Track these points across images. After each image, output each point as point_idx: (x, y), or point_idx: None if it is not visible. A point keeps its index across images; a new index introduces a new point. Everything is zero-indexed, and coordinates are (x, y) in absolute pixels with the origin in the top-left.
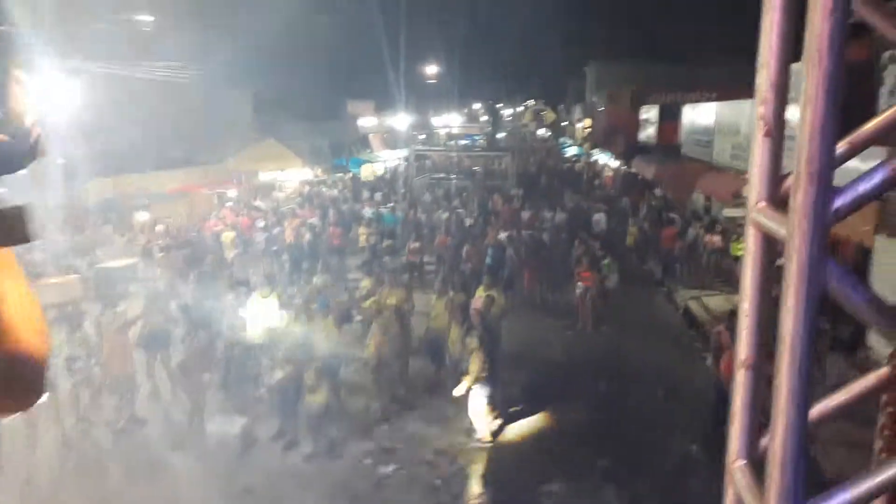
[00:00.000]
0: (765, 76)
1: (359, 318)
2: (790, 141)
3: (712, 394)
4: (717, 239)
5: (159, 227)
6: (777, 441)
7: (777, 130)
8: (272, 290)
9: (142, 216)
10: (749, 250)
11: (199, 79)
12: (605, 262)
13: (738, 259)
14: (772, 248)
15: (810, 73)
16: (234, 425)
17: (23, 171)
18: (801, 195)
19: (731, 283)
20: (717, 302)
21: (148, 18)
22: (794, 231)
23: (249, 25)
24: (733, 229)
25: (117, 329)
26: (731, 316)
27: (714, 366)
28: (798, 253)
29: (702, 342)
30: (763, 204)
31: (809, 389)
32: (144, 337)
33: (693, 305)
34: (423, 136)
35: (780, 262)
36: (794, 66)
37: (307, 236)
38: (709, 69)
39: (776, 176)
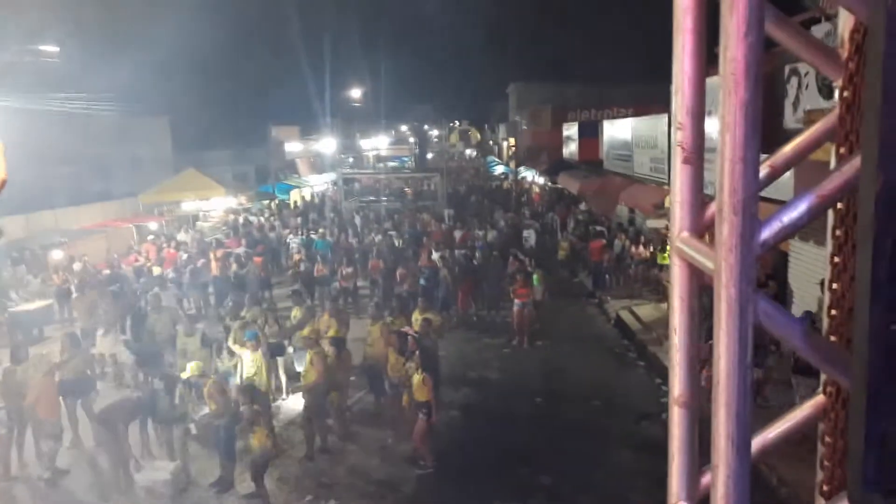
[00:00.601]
0: (680, 102)
1: (291, 349)
2: (710, 153)
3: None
4: (642, 249)
5: (76, 265)
6: (719, 486)
7: (696, 156)
8: (195, 327)
9: (57, 255)
10: (675, 281)
11: (112, 109)
12: (535, 276)
13: (664, 268)
14: (698, 277)
15: (727, 101)
16: (164, 470)
17: None
18: (726, 228)
19: (659, 291)
20: (647, 311)
21: (53, 49)
22: (722, 265)
23: (164, 51)
24: (658, 239)
25: (44, 373)
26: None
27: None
28: (726, 289)
29: (636, 351)
30: (686, 234)
31: (748, 429)
32: (67, 382)
33: (624, 315)
34: (352, 160)
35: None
36: (711, 81)
37: (233, 267)
38: (623, 87)
39: (698, 204)
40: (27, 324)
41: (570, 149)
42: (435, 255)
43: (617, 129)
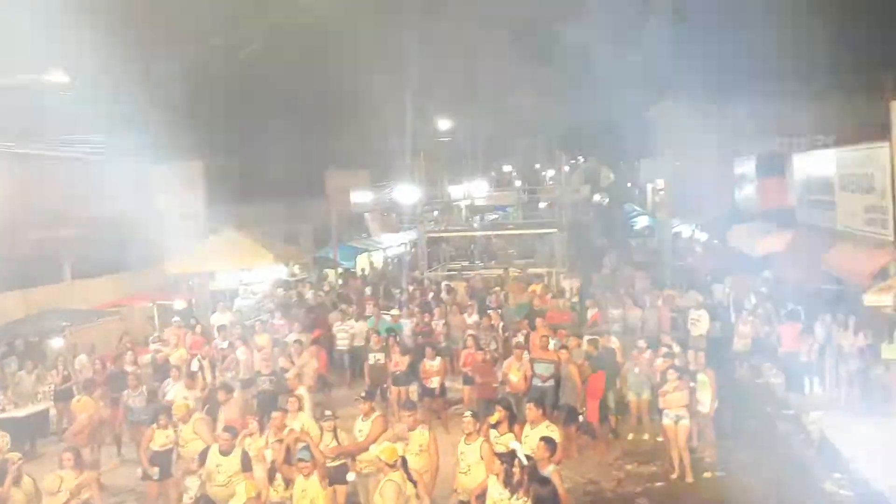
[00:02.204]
0: None
1: (354, 474)
2: None
3: None
4: (858, 337)
5: (81, 358)
6: None
7: None
8: (233, 443)
9: (56, 343)
10: None
11: (131, 154)
12: (701, 376)
13: (891, 365)
14: None
15: None
16: None
17: None
18: None
19: (888, 401)
20: (868, 430)
21: (61, 78)
22: None
23: (196, 79)
24: (882, 322)
25: None
26: None
27: None
28: None
29: (850, 489)
30: None
31: None
32: None
33: (832, 434)
34: (437, 212)
35: None
36: None
37: (282, 361)
38: (821, 104)
39: None
40: (16, 436)
41: (746, 192)
42: (553, 344)
43: (814, 165)
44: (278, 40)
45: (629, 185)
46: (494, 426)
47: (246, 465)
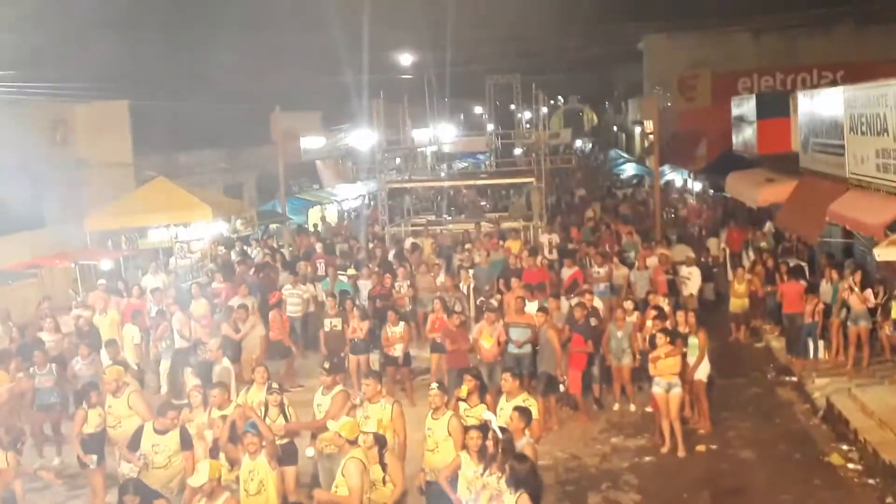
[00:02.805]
0: None
1: (309, 452)
2: None
3: None
4: (867, 295)
5: None
6: None
7: None
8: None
9: None
10: None
11: (46, 92)
12: (693, 339)
13: None
14: None
15: None
16: None
17: None
18: None
19: None
20: (878, 396)
21: None
22: None
23: (123, 5)
24: (891, 281)
25: None
26: None
27: None
28: None
29: (860, 462)
30: None
31: None
32: None
33: (841, 403)
34: (399, 160)
35: None
36: None
37: (229, 328)
38: (828, 37)
39: None
40: None
41: (745, 136)
42: (530, 307)
43: (820, 105)
44: None
45: (615, 128)
46: (464, 399)
47: (186, 443)
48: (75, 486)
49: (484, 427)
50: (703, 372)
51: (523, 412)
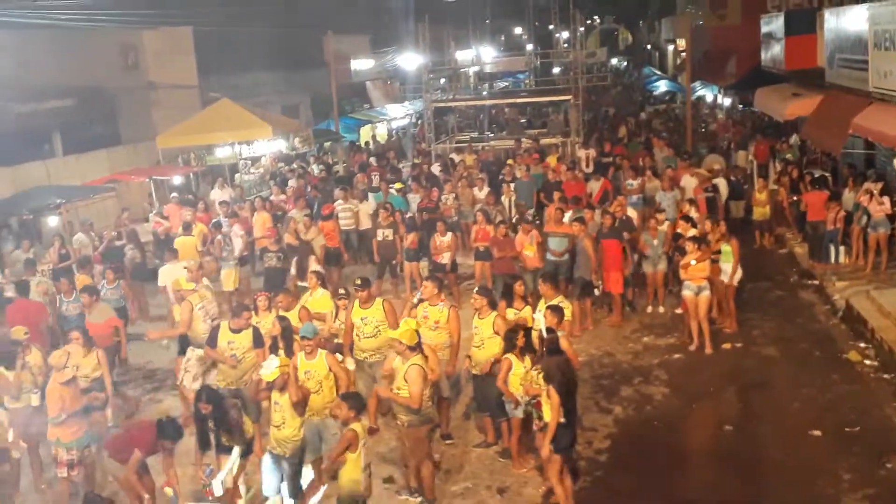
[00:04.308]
0: None
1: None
2: None
3: None
4: (886, 204)
5: (79, 237)
6: None
7: None
8: (245, 319)
9: (52, 221)
10: None
11: (115, 19)
12: (725, 247)
13: None
14: None
15: None
16: None
17: None
18: None
19: None
20: (895, 298)
21: None
22: None
23: None
24: None
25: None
26: None
27: None
28: None
29: (877, 359)
30: None
31: None
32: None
33: (859, 304)
34: (443, 80)
35: None
36: None
37: (291, 237)
38: None
39: None
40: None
41: (773, 52)
42: (567, 217)
43: (846, 21)
44: None
45: (648, 47)
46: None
47: (258, 342)
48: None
49: (526, 327)
50: (735, 277)
51: (556, 310)
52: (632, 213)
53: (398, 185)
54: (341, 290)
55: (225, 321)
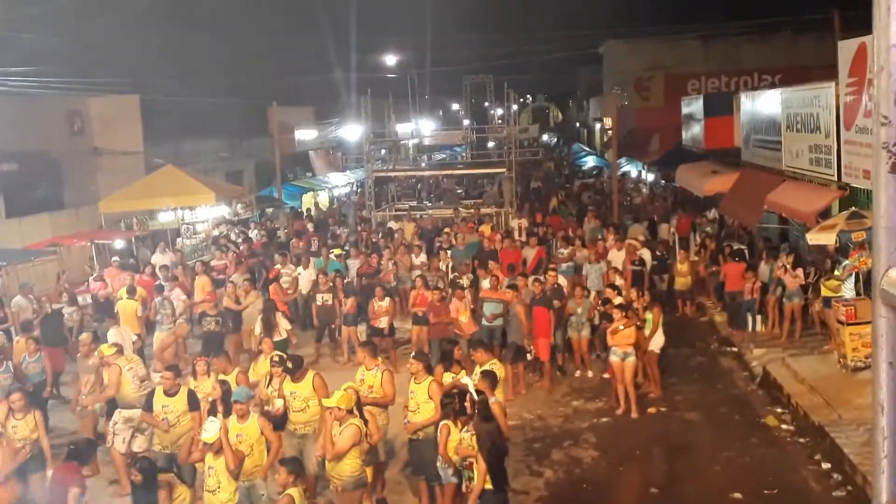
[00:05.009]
0: (884, 86)
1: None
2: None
3: None
4: (800, 276)
5: (17, 299)
6: None
7: None
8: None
9: None
10: (879, 338)
11: (62, 86)
12: (649, 314)
13: (830, 302)
14: None
15: None
16: None
17: None
18: None
19: (825, 336)
20: (809, 365)
21: None
22: None
23: (133, 8)
24: (821, 262)
25: None
26: None
27: None
28: None
29: (793, 423)
30: (895, 274)
31: None
32: None
33: (776, 371)
34: (384, 151)
35: None
36: None
37: (230, 301)
38: (768, 43)
39: None
40: None
41: (693, 132)
42: (502, 286)
43: (760, 104)
44: None
45: (577, 124)
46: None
47: (194, 405)
48: None
49: (461, 392)
50: (657, 343)
51: (487, 374)
52: (562, 280)
53: (338, 251)
54: (275, 358)
55: (160, 386)
